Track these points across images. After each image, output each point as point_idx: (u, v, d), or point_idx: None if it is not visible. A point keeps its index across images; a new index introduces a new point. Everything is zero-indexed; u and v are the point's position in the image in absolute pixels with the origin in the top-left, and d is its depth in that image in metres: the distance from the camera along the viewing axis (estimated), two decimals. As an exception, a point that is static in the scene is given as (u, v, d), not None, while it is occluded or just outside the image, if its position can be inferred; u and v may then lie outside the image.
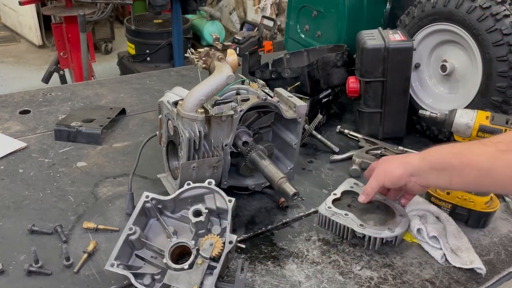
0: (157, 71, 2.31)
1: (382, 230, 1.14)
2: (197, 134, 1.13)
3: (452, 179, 1.03)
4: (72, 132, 1.58)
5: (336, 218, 1.19)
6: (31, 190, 1.33)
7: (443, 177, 1.05)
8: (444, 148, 1.09)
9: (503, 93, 1.46)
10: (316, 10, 1.98)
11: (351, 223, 1.17)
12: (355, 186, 1.30)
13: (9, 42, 6.48)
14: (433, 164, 1.08)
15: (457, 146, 1.09)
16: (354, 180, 1.33)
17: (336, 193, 1.27)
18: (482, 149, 1.01)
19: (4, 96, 1.90)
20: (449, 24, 1.57)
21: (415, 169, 1.10)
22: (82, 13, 3.59)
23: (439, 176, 1.06)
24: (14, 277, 1.03)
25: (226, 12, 6.32)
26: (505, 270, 1.13)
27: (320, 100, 1.72)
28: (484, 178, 1.00)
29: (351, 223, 1.17)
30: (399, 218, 1.18)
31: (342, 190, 1.28)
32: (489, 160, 0.98)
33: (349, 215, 1.19)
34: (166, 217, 1.12)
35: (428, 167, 1.08)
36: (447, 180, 1.05)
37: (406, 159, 1.15)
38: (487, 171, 0.98)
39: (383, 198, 1.24)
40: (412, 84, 1.70)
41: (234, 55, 1.37)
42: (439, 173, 1.06)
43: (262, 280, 1.06)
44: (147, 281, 0.99)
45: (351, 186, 1.30)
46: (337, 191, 1.28)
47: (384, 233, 1.14)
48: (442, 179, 1.06)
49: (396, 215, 1.20)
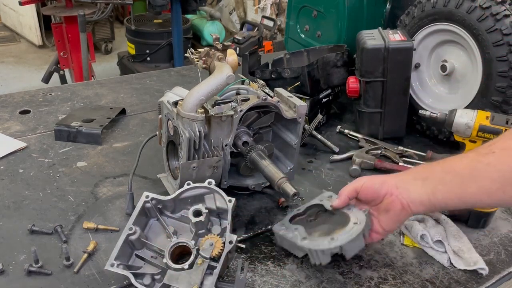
0: (157, 71, 2.31)
1: (323, 240, 1.01)
2: (197, 134, 1.13)
3: (435, 188, 0.97)
4: (72, 132, 1.58)
5: (284, 233, 1.10)
6: (31, 190, 1.33)
7: (425, 188, 0.98)
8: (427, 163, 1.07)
9: (503, 93, 1.46)
10: (316, 10, 1.98)
11: (296, 238, 1.06)
12: (327, 200, 1.15)
13: (9, 42, 6.48)
14: (416, 173, 1.03)
15: (440, 160, 1.04)
16: (330, 193, 1.17)
17: (300, 208, 1.17)
18: (463, 156, 1.00)
19: (4, 96, 1.90)
20: (449, 24, 1.57)
21: (398, 180, 1.03)
22: (82, 13, 3.58)
23: (422, 187, 0.99)
24: (14, 277, 1.03)
25: (226, 12, 6.32)
26: (505, 270, 1.13)
27: (320, 100, 1.72)
28: (468, 184, 0.95)
29: (296, 237, 1.06)
30: (351, 226, 1.02)
31: (309, 205, 1.16)
32: (471, 164, 0.96)
33: (298, 229, 1.08)
34: (166, 217, 1.12)
35: (411, 177, 1.03)
36: (429, 191, 0.98)
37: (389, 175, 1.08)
38: (470, 176, 0.95)
39: (348, 207, 1.09)
40: (412, 84, 1.70)
41: (234, 55, 1.37)
42: (423, 183, 0.99)
43: (262, 280, 1.06)
44: (147, 281, 0.99)
45: (321, 199, 1.15)
46: (302, 207, 1.18)
47: (323, 244, 1.00)
48: (424, 190, 0.98)
49: (350, 222, 1.04)
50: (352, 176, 1.47)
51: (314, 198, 1.18)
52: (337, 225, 1.04)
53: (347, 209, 1.08)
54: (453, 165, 0.99)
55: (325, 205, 1.13)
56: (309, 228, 1.08)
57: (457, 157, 1.01)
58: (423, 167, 1.07)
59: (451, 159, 1.01)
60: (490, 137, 1.39)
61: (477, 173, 0.94)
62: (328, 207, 1.11)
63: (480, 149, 0.97)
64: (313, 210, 1.16)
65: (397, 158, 1.57)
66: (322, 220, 1.11)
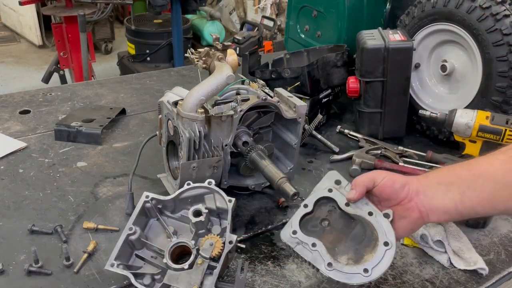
0: (157, 71, 2.31)
1: (354, 271, 0.89)
2: (197, 134, 1.13)
3: (463, 194, 0.88)
4: (72, 132, 1.58)
5: (301, 250, 0.94)
6: (31, 190, 1.33)
7: (451, 193, 0.89)
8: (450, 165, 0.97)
9: (503, 93, 1.46)
10: (316, 10, 1.98)
11: (317, 261, 0.92)
12: (335, 188, 0.99)
13: (9, 42, 6.48)
14: (440, 177, 0.94)
15: (464, 162, 0.96)
16: (336, 175, 1.02)
17: (308, 204, 0.99)
18: (491, 159, 0.90)
19: (4, 96, 1.90)
20: (449, 24, 1.57)
21: (420, 184, 0.93)
22: (82, 13, 3.58)
23: (447, 193, 0.90)
24: (14, 277, 1.03)
25: (226, 12, 6.32)
26: (505, 270, 1.13)
27: (320, 100, 1.72)
28: (502, 188, 0.87)
29: (318, 260, 0.92)
30: (382, 250, 0.90)
31: (317, 198, 0.99)
32: (503, 167, 0.87)
33: (316, 246, 0.93)
34: (166, 217, 1.11)
35: (434, 181, 0.93)
36: (456, 197, 0.89)
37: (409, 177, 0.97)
38: (503, 180, 0.87)
39: (368, 211, 0.95)
40: (412, 84, 1.70)
41: (234, 55, 1.37)
42: (447, 189, 0.90)
43: (262, 280, 1.06)
44: (147, 281, 0.99)
45: (329, 189, 0.99)
46: (309, 200, 0.99)
47: (356, 278, 0.89)
48: (451, 196, 0.89)
49: (379, 243, 0.91)
50: (352, 176, 1.47)
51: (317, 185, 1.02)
52: (365, 245, 0.93)
53: (363, 205, 0.96)
54: (482, 169, 0.90)
55: (338, 202, 0.98)
56: (329, 244, 0.95)
57: (485, 159, 0.92)
58: (448, 170, 0.96)
59: (477, 161, 0.93)
60: (490, 137, 1.39)
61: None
62: (342, 205, 0.97)
63: (509, 152, 0.89)
64: (324, 208, 1.00)
65: (397, 158, 1.57)
66: (339, 228, 0.98)
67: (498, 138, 1.38)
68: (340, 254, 0.94)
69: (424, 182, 0.94)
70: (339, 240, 0.96)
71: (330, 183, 1.01)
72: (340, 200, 0.98)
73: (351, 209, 0.97)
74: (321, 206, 1.00)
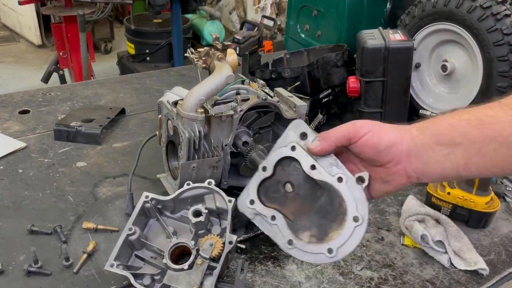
0: (157, 71, 2.31)
1: (317, 251, 0.78)
2: (197, 134, 1.13)
3: (469, 159, 0.72)
4: (71, 132, 1.57)
5: (260, 222, 0.83)
6: (31, 190, 1.32)
7: (454, 157, 0.73)
8: (451, 116, 0.76)
9: (504, 93, 1.46)
10: (316, 10, 1.98)
11: (277, 236, 0.81)
12: (300, 145, 0.81)
13: (8, 42, 6.47)
14: (440, 137, 0.74)
15: (471, 112, 0.75)
16: (303, 125, 0.82)
17: (266, 166, 0.83)
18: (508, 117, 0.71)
19: (3, 96, 1.89)
20: (449, 23, 1.56)
21: (416, 144, 0.75)
22: (82, 13, 3.58)
23: (449, 156, 0.73)
24: (13, 277, 1.03)
25: (226, 12, 6.32)
26: (505, 271, 1.13)
27: (320, 100, 1.71)
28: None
29: (277, 235, 0.81)
30: (350, 226, 0.76)
31: (277, 159, 0.83)
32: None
33: (276, 220, 0.81)
34: (166, 217, 1.11)
35: (432, 141, 0.74)
36: (460, 162, 0.73)
37: (400, 129, 0.78)
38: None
39: (338, 176, 0.78)
40: (413, 84, 1.70)
41: (234, 55, 1.37)
42: (449, 152, 0.73)
43: (262, 280, 1.06)
44: (147, 281, 0.99)
45: (292, 146, 0.81)
46: (268, 161, 0.83)
47: (319, 258, 0.78)
48: (453, 160, 0.73)
49: (348, 217, 0.77)
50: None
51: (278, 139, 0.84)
52: (328, 217, 0.79)
53: (332, 167, 0.79)
54: (497, 130, 0.71)
55: (301, 164, 0.81)
56: (291, 215, 0.82)
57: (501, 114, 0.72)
58: (450, 125, 0.75)
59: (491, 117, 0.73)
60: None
61: None
62: (306, 168, 0.80)
63: None
64: (287, 168, 0.83)
65: (398, 158, 1.56)
66: (304, 194, 0.83)
67: (498, 138, 1.38)
68: (302, 229, 0.81)
69: (418, 141, 0.75)
70: (303, 211, 0.82)
71: (295, 137, 0.82)
72: (305, 161, 0.81)
73: (317, 173, 0.79)
74: (284, 167, 0.83)
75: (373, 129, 0.76)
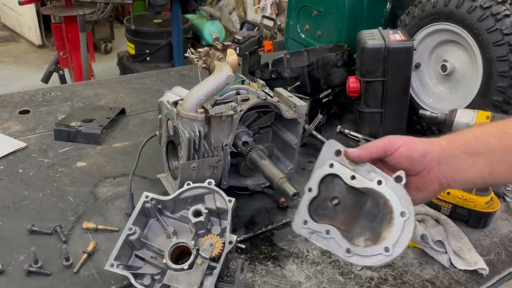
0: (157, 71, 2.31)
1: (375, 252, 0.81)
2: (197, 134, 1.13)
3: (492, 167, 0.81)
4: (71, 132, 1.57)
5: (316, 239, 0.88)
6: (31, 190, 1.32)
7: (479, 165, 0.81)
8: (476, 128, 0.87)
9: (504, 93, 1.46)
10: (316, 10, 1.98)
11: (335, 248, 0.85)
12: (337, 161, 0.89)
13: (8, 42, 6.47)
14: (466, 147, 0.83)
15: (495, 125, 0.86)
16: (335, 144, 0.90)
17: (312, 187, 0.91)
18: None
19: (3, 96, 1.89)
20: (449, 24, 1.57)
21: (445, 153, 0.83)
22: (82, 13, 3.58)
23: (475, 164, 0.81)
24: (13, 277, 1.03)
25: (226, 12, 6.32)
26: (505, 270, 1.13)
27: (320, 100, 1.72)
28: None
29: (335, 247, 0.85)
30: (399, 222, 0.81)
31: (320, 178, 0.90)
32: None
33: (331, 233, 0.86)
34: (166, 217, 1.11)
35: (459, 151, 0.83)
36: (485, 169, 0.81)
37: (430, 141, 0.85)
38: None
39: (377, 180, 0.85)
40: (413, 84, 1.70)
41: (234, 55, 1.37)
42: (475, 160, 0.81)
43: (262, 280, 1.06)
44: (147, 281, 0.99)
45: (330, 164, 0.89)
46: (312, 182, 0.91)
47: (378, 259, 0.81)
48: (478, 168, 0.81)
49: (395, 215, 0.81)
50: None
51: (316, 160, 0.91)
52: (377, 219, 0.83)
53: (369, 173, 0.85)
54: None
55: (342, 177, 0.88)
56: (343, 225, 0.87)
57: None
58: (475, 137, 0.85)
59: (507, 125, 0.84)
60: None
61: None
62: (347, 179, 0.87)
63: None
64: (330, 186, 0.90)
65: (397, 158, 1.56)
66: (350, 205, 0.88)
67: (498, 138, 1.38)
68: (356, 236, 0.85)
69: (448, 150, 0.84)
70: (353, 220, 0.87)
71: (330, 156, 0.89)
72: (344, 174, 0.88)
73: (357, 181, 0.86)
74: (327, 184, 0.90)
75: (406, 142, 0.85)
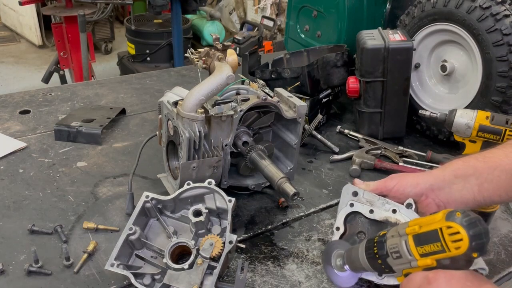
0: (157, 71, 2.31)
1: None
2: (197, 134, 1.13)
3: (481, 186, 0.93)
4: (72, 132, 1.58)
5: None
6: (31, 190, 1.33)
7: (469, 185, 0.95)
8: (463, 157, 1.01)
9: (503, 93, 1.46)
10: (316, 10, 1.98)
11: (368, 274, 0.97)
12: (355, 200, 1.07)
13: (9, 42, 6.48)
14: (455, 170, 0.97)
15: (477, 154, 1.00)
16: (351, 187, 1.08)
17: (339, 226, 1.06)
18: (505, 151, 0.94)
19: (4, 96, 1.89)
20: (449, 24, 1.57)
21: (437, 180, 0.98)
22: (82, 13, 3.59)
23: (465, 185, 0.95)
24: (14, 277, 1.03)
25: (226, 12, 6.33)
26: (505, 270, 1.13)
27: (320, 100, 1.72)
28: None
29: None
30: None
31: (344, 217, 1.06)
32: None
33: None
34: (166, 217, 1.12)
35: (451, 175, 0.97)
36: (475, 189, 0.94)
37: (423, 173, 1.03)
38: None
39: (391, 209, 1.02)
40: (412, 84, 1.70)
41: (234, 55, 1.37)
42: (465, 181, 0.95)
43: (262, 280, 1.06)
44: (147, 281, 0.99)
45: (350, 204, 1.06)
46: (338, 222, 1.06)
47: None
48: (469, 188, 0.95)
49: None
50: (352, 176, 1.47)
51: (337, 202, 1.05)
52: None
53: (384, 205, 1.02)
54: (497, 161, 0.94)
55: (362, 213, 1.04)
56: None
57: (498, 152, 0.96)
58: (463, 162, 0.99)
59: (492, 153, 0.97)
60: (490, 137, 1.39)
61: None
62: (367, 214, 1.03)
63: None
64: (354, 222, 1.06)
65: (397, 158, 1.57)
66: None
67: (498, 138, 1.38)
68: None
69: (440, 176, 0.98)
70: None
71: (349, 197, 1.07)
72: (364, 210, 1.05)
73: (376, 214, 1.03)
74: (351, 222, 1.07)
75: (398, 181, 1.02)
